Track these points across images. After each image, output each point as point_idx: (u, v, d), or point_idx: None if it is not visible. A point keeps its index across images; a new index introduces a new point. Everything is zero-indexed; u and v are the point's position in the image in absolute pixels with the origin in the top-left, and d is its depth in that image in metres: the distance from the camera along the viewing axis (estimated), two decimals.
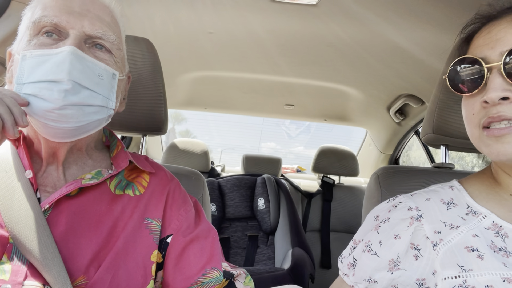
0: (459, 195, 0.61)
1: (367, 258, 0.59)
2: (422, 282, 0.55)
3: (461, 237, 0.54)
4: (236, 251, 1.98)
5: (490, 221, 0.55)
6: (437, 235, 0.56)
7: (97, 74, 0.56)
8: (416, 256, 0.56)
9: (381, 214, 0.63)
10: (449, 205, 0.59)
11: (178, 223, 0.65)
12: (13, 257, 0.51)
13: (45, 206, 0.54)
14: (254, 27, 1.27)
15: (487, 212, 0.56)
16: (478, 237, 0.53)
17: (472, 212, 0.57)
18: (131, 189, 0.64)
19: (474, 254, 0.52)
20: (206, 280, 0.62)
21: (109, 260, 0.55)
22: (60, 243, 0.53)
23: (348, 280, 0.60)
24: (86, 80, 0.54)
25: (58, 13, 0.55)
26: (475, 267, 0.51)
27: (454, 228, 0.56)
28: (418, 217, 0.58)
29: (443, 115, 0.84)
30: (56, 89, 0.51)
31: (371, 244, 0.59)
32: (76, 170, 0.61)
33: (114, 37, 0.59)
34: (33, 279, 0.50)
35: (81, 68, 0.53)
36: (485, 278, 0.49)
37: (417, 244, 0.57)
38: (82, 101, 0.53)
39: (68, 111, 0.52)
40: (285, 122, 5.23)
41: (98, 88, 0.56)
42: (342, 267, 0.63)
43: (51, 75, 0.51)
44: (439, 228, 0.56)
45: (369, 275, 0.57)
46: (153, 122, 0.92)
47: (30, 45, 0.54)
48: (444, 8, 1.03)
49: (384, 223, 0.61)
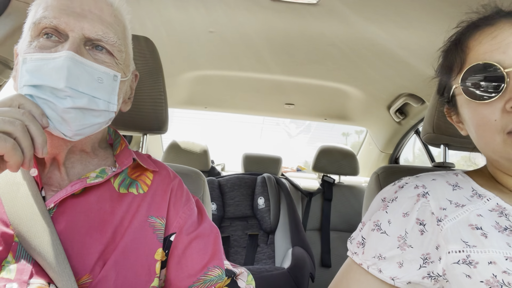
0: (464, 180, 0.62)
1: (376, 236, 0.59)
2: (427, 256, 0.56)
3: (466, 215, 0.55)
4: (236, 250, 1.98)
5: (494, 203, 0.56)
6: (442, 211, 0.57)
7: (96, 78, 0.55)
8: (422, 231, 0.57)
9: (388, 195, 0.64)
10: (455, 187, 0.60)
11: (181, 221, 0.65)
12: (18, 255, 0.51)
13: (50, 205, 0.55)
14: (254, 26, 1.27)
15: (492, 195, 0.57)
16: (483, 217, 0.54)
17: (477, 195, 0.58)
18: (135, 187, 0.64)
19: (478, 232, 0.53)
20: (209, 278, 0.62)
21: (114, 259, 0.55)
22: (65, 242, 0.53)
23: (357, 259, 0.61)
24: (85, 86, 0.53)
25: (58, 14, 0.54)
26: (479, 244, 0.52)
27: (459, 206, 0.57)
28: (424, 194, 0.59)
29: (444, 114, 0.84)
30: (58, 95, 0.51)
31: (380, 223, 0.60)
32: (80, 169, 0.61)
33: (115, 38, 0.58)
34: (38, 277, 0.50)
35: (79, 74, 0.52)
36: (488, 255, 0.50)
37: (422, 219, 0.57)
38: (84, 105, 0.53)
39: (71, 115, 0.52)
40: (285, 121, 5.23)
41: (97, 93, 0.55)
42: (352, 247, 0.63)
43: (50, 81, 0.51)
44: (444, 205, 0.57)
45: (379, 252, 0.58)
46: (154, 121, 0.92)
47: (31, 47, 0.54)
48: (445, 7, 1.03)
49: (391, 203, 0.61)
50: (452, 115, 0.65)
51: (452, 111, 0.65)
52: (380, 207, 0.63)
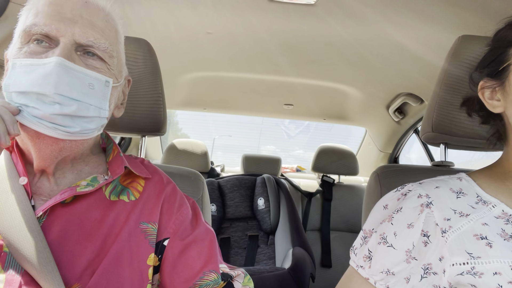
0: (468, 185, 0.61)
1: (383, 250, 0.59)
2: (428, 266, 0.55)
3: (470, 225, 0.55)
4: (237, 251, 1.98)
5: (500, 210, 0.56)
6: (447, 222, 0.56)
7: (87, 84, 0.54)
8: (425, 242, 0.56)
9: (390, 203, 0.63)
10: (459, 194, 0.60)
11: (175, 227, 0.64)
12: (7, 266, 0.50)
13: (39, 213, 0.54)
14: (252, 27, 1.27)
15: (497, 201, 0.57)
16: (488, 225, 0.54)
17: (482, 201, 0.58)
18: (126, 194, 0.63)
19: (483, 242, 0.52)
20: (204, 283, 0.61)
21: (104, 267, 0.55)
22: (54, 251, 0.52)
23: (363, 273, 0.60)
24: (75, 92, 0.52)
25: (49, 21, 0.53)
26: (483, 254, 0.51)
27: (463, 216, 0.56)
28: (428, 204, 0.59)
29: (443, 113, 0.84)
30: (45, 101, 0.50)
31: (386, 236, 0.59)
32: (72, 179, 0.61)
33: (107, 44, 0.57)
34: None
35: (69, 80, 0.52)
36: (493, 266, 0.50)
37: (426, 231, 0.57)
38: (72, 113, 0.52)
39: (59, 120, 0.52)
40: (284, 122, 5.23)
41: (88, 99, 0.54)
42: (357, 260, 0.62)
43: (38, 87, 0.50)
44: (448, 215, 0.57)
45: (386, 267, 0.57)
46: (152, 122, 0.92)
47: (21, 53, 0.54)
48: (443, 7, 1.03)
49: (397, 213, 0.61)
50: (487, 90, 0.63)
51: (491, 85, 0.62)
52: (385, 217, 0.62)
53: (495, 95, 0.62)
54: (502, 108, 0.61)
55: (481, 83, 0.64)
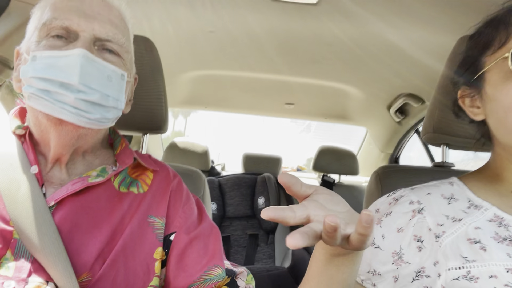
0: (459, 190, 0.61)
1: (369, 251, 0.59)
2: (421, 270, 0.55)
3: (463, 230, 0.55)
4: (237, 250, 1.98)
5: (492, 214, 0.56)
6: (440, 227, 0.56)
7: (106, 76, 0.56)
8: (420, 247, 0.56)
9: (382, 207, 0.64)
10: (450, 200, 0.60)
11: (181, 221, 0.65)
12: (17, 253, 0.51)
13: (50, 202, 0.55)
14: (253, 26, 1.27)
15: (488, 205, 0.57)
16: (481, 229, 0.54)
17: (474, 206, 0.58)
18: (136, 186, 0.64)
19: (477, 246, 0.52)
20: (209, 278, 0.62)
21: (113, 257, 0.55)
22: (64, 240, 0.53)
23: None
24: (96, 82, 0.55)
25: (69, 16, 0.55)
26: (478, 258, 0.51)
27: (456, 221, 0.56)
28: (420, 210, 0.59)
29: (444, 114, 0.84)
30: (70, 88, 0.52)
31: (374, 238, 0.60)
32: (82, 170, 0.62)
33: (124, 39, 0.60)
34: (37, 275, 0.50)
35: (91, 71, 0.54)
36: (488, 269, 0.50)
37: (420, 235, 0.57)
38: (95, 100, 0.55)
39: (82, 105, 0.53)
40: (286, 121, 5.23)
41: (108, 90, 0.57)
42: None
43: (63, 76, 0.52)
44: (441, 221, 0.57)
45: (373, 267, 0.58)
46: (154, 121, 0.92)
47: (40, 46, 0.55)
48: (444, 8, 1.03)
49: (386, 217, 0.61)
50: (467, 98, 0.62)
51: (469, 93, 0.61)
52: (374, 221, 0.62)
53: (475, 102, 0.61)
54: (482, 115, 0.60)
55: (459, 92, 0.63)
